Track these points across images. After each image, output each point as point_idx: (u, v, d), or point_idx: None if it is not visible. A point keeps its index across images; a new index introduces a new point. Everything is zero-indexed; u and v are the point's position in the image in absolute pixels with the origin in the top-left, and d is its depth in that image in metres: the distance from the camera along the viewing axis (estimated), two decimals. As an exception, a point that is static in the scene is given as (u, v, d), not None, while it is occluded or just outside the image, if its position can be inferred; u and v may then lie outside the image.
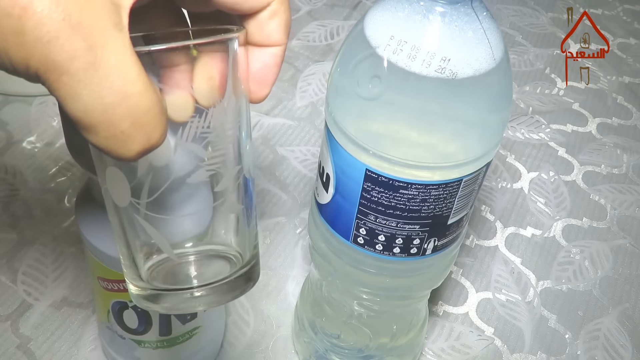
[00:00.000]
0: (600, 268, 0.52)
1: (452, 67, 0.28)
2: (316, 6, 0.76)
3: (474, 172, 0.31)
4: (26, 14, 0.17)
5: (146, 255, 0.26)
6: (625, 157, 0.62)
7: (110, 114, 0.18)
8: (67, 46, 0.17)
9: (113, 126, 0.18)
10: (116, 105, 0.18)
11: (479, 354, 0.46)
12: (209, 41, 0.23)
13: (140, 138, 0.19)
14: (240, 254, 0.28)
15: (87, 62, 0.17)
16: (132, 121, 0.18)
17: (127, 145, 0.19)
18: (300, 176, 0.56)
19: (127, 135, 0.19)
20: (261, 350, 0.44)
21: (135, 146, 0.19)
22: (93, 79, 0.18)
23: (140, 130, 0.19)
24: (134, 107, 0.18)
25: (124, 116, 0.18)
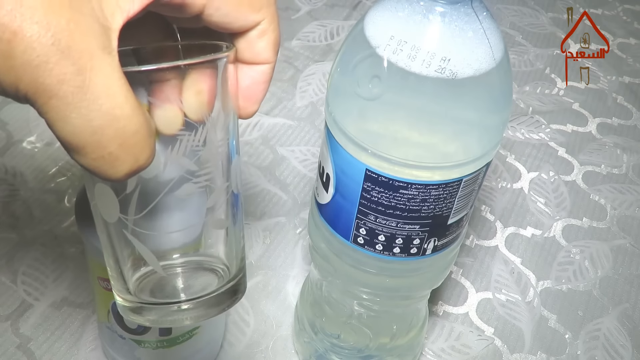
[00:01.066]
0: (600, 268, 0.52)
1: (452, 67, 0.28)
2: (316, 6, 0.76)
3: (474, 172, 0.31)
4: (16, 38, 0.17)
5: (133, 268, 0.27)
6: (625, 157, 0.62)
7: (98, 136, 0.18)
8: (57, 70, 0.17)
9: (101, 148, 0.19)
10: (104, 128, 0.18)
11: (479, 354, 0.46)
12: (199, 61, 0.23)
13: (128, 159, 0.19)
14: (228, 267, 0.28)
15: (75, 85, 0.18)
16: (120, 143, 0.19)
17: (115, 166, 0.19)
18: (300, 176, 0.56)
19: (115, 157, 0.19)
20: (261, 350, 0.44)
21: (123, 167, 0.19)
22: (82, 102, 0.18)
23: (128, 152, 0.19)
24: (121, 129, 0.19)
25: (112, 138, 0.19)
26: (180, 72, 0.23)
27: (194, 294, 0.26)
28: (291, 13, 0.74)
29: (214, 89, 0.24)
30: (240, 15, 0.24)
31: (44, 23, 0.17)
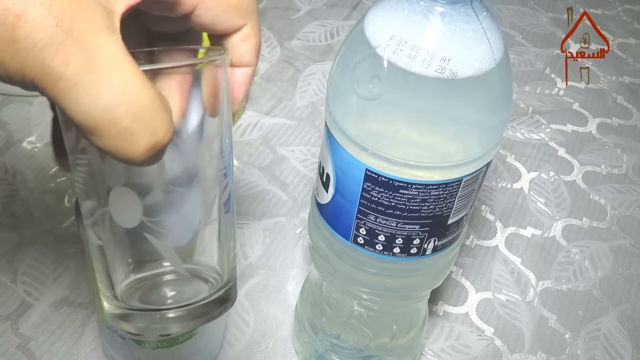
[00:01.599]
0: (600, 268, 0.52)
1: (452, 67, 0.28)
2: (316, 6, 0.76)
3: (474, 172, 0.31)
4: (19, 22, 0.17)
5: (123, 273, 0.26)
6: (625, 157, 0.62)
7: (111, 112, 0.18)
8: (61, 51, 0.17)
9: (115, 124, 0.18)
10: (116, 103, 0.18)
11: (479, 354, 0.46)
12: (208, 60, 0.24)
13: (144, 133, 0.19)
14: (220, 275, 0.27)
15: (81, 65, 0.18)
16: (133, 116, 0.18)
17: (134, 142, 0.19)
18: (300, 176, 0.56)
19: (131, 132, 0.19)
20: (261, 350, 0.44)
21: (142, 142, 0.19)
22: (90, 80, 0.18)
23: (144, 125, 0.19)
24: (133, 102, 0.18)
25: (124, 112, 0.18)
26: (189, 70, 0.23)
27: (183, 301, 0.26)
28: (291, 13, 0.74)
29: (187, 93, 0.24)
30: (228, 17, 0.24)
31: (47, 5, 0.17)
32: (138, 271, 0.26)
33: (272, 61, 0.67)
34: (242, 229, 0.51)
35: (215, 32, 0.25)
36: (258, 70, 0.66)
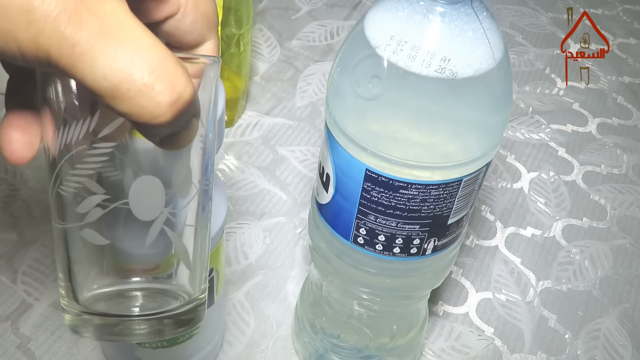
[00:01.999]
0: (600, 268, 0.52)
1: (452, 67, 0.28)
2: (316, 6, 0.76)
3: (474, 172, 0.31)
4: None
5: (91, 279, 0.26)
6: (625, 157, 0.62)
7: (128, 70, 0.19)
8: (75, 17, 0.18)
9: (134, 82, 0.19)
10: (131, 61, 0.19)
11: (479, 354, 0.46)
12: (203, 57, 0.24)
13: (164, 87, 0.19)
14: (188, 294, 0.27)
15: (95, 29, 0.18)
16: (150, 70, 0.19)
17: (154, 98, 0.19)
18: (300, 176, 0.56)
19: (150, 87, 0.19)
20: (261, 350, 0.44)
21: (163, 97, 0.19)
22: (104, 43, 0.18)
23: (162, 79, 0.19)
24: (148, 57, 0.19)
25: (141, 69, 0.19)
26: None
27: (148, 311, 0.26)
28: (291, 13, 0.74)
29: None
30: (202, 26, 0.24)
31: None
32: (111, 281, 0.26)
33: (272, 61, 0.67)
34: (242, 229, 0.51)
35: (185, 44, 0.25)
36: (258, 70, 0.66)
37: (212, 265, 0.36)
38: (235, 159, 0.57)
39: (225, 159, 0.56)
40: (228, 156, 0.57)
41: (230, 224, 0.51)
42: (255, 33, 0.70)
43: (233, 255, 0.50)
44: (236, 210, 0.53)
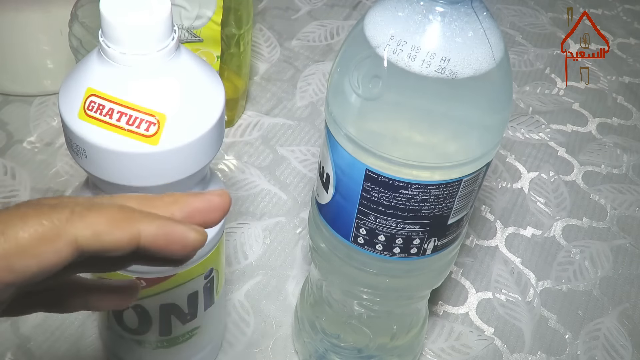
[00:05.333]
0: (600, 268, 0.52)
1: (452, 67, 0.28)
2: (316, 6, 0.76)
3: (474, 172, 0.31)
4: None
5: None
6: (625, 157, 0.62)
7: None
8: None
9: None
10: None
11: (479, 354, 0.46)
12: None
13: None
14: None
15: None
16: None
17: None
18: (300, 176, 0.56)
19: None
20: (261, 350, 0.44)
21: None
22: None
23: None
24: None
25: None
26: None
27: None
28: (291, 13, 0.74)
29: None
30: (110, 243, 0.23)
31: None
32: None
33: (272, 61, 0.67)
34: (242, 229, 0.51)
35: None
36: (258, 70, 0.66)
37: (212, 265, 0.36)
38: (235, 159, 0.57)
39: (225, 159, 0.56)
40: (228, 156, 0.57)
41: (230, 224, 0.51)
42: (255, 33, 0.70)
43: (233, 255, 0.50)
44: (236, 210, 0.53)
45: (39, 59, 0.58)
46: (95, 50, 0.29)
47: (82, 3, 0.48)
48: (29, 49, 0.57)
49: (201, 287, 0.36)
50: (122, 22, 0.27)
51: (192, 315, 0.37)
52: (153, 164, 0.29)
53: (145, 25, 0.27)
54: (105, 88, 0.28)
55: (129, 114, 0.28)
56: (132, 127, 0.28)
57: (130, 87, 0.28)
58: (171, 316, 0.36)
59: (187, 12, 0.49)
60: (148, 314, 0.36)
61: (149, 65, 0.28)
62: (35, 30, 0.56)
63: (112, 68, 0.28)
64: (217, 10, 0.50)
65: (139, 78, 0.28)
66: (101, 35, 0.28)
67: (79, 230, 0.20)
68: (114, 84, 0.28)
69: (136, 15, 0.27)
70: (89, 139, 0.28)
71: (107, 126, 0.28)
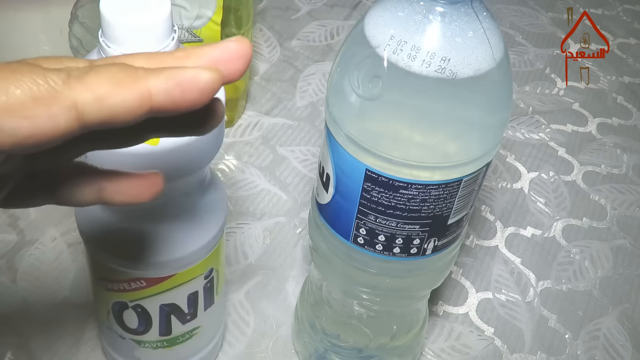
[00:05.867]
0: (600, 268, 0.52)
1: (452, 67, 0.28)
2: (316, 6, 0.76)
3: (474, 172, 0.31)
4: None
5: None
6: (625, 157, 0.62)
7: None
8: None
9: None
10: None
11: (479, 354, 0.46)
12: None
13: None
14: None
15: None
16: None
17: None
18: (300, 176, 0.56)
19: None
20: (261, 350, 0.44)
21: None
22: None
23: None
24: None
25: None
26: None
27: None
28: (291, 13, 0.74)
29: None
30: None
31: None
32: None
33: (272, 61, 0.67)
34: (242, 229, 0.51)
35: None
36: (258, 70, 0.66)
37: (212, 265, 0.36)
38: (235, 159, 0.57)
39: (225, 159, 0.56)
40: (228, 156, 0.57)
41: (230, 224, 0.51)
42: (255, 33, 0.70)
43: (233, 255, 0.50)
44: (236, 210, 0.53)
45: (39, 59, 0.58)
46: (95, 50, 0.29)
47: (82, 3, 0.48)
48: (29, 49, 0.57)
49: (201, 287, 0.36)
50: (122, 22, 0.27)
51: (192, 315, 0.37)
52: (153, 164, 0.29)
53: (145, 25, 0.27)
54: (105, 88, 0.28)
55: (129, 114, 0.28)
56: (132, 127, 0.28)
57: (130, 87, 0.28)
58: (171, 316, 0.36)
59: (187, 12, 0.49)
60: (148, 314, 0.36)
61: (149, 65, 0.28)
62: (35, 30, 0.56)
63: (112, 68, 0.28)
64: (217, 10, 0.50)
65: (139, 78, 0.28)
66: (101, 35, 0.28)
67: (79, 93, 0.18)
68: (114, 84, 0.28)
69: (136, 15, 0.27)
70: (89, 139, 0.28)
71: (107, 126, 0.28)
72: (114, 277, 0.34)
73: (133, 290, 0.34)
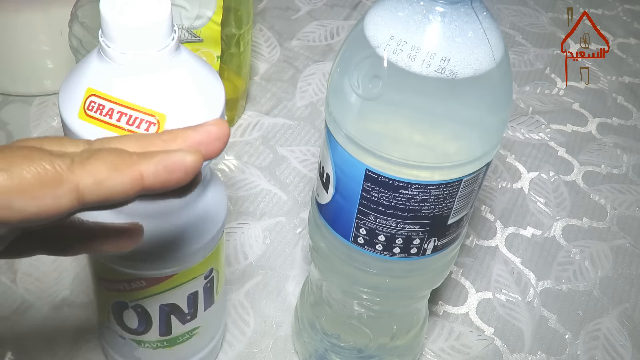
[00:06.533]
0: (600, 268, 0.52)
1: (452, 67, 0.28)
2: (316, 6, 0.76)
3: (474, 172, 0.31)
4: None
5: None
6: (625, 157, 0.62)
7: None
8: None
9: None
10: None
11: (479, 354, 0.46)
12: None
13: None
14: None
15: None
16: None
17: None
18: (300, 176, 0.56)
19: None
20: (261, 350, 0.44)
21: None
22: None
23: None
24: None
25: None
26: None
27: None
28: (291, 13, 0.74)
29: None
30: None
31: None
32: None
33: (272, 61, 0.67)
34: (242, 229, 0.51)
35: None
36: (258, 70, 0.66)
37: (212, 265, 0.36)
38: (235, 159, 0.57)
39: (225, 159, 0.56)
40: (228, 156, 0.57)
41: (230, 224, 0.51)
42: (255, 33, 0.70)
43: (233, 255, 0.50)
44: (236, 210, 0.53)
45: (39, 59, 0.58)
46: (95, 50, 0.29)
47: (82, 3, 0.48)
48: (29, 49, 0.57)
49: (201, 287, 0.36)
50: (122, 22, 0.27)
51: (192, 315, 0.37)
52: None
53: (145, 26, 0.27)
54: (105, 88, 0.28)
55: (129, 114, 0.28)
56: (132, 127, 0.28)
57: (130, 87, 0.28)
58: (171, 316, 0.36)
59: (187, 12, 0.49)
60: (148, 314, 0.36)
61: (149, 65, 0.28)
62: (35, 30, 0.56)
63: (112, 68, 0.28)
64: (217, 10, 0.50)
65: (139, 78, 0.28)
66: (101, 35, 0.28)
67: (81, 178, 0.20)
68: (114, 84, 0.28)
69: (136, 15, 0.27)
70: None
71: (107, 126, 0.28)
72: (114, 277, 0.34)
73: (133, 291, 0.34)
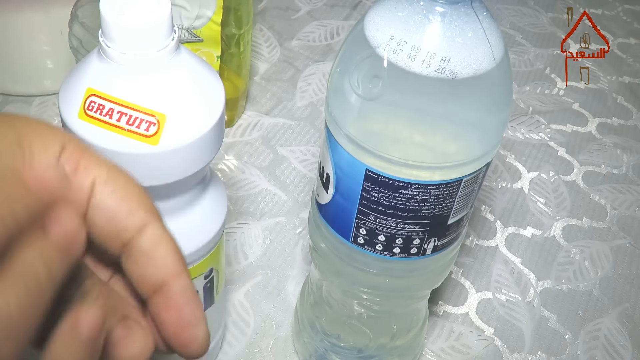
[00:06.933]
0: (600, 268, 0.52)
1: (452, 67, 0.28)
2: (316, 6, 0.76)
3: (474, 172, 0.31)
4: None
5: None
6: (625, 157, 0.62)
7: None
8: None
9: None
10: None
11: (479, 354, 0.46)
12: None
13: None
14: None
15: None
16: None
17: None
18: (300, 176, 0.56)
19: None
20: (261, 350, 0.44)
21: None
22: None
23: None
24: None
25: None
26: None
27: None
28: (291, 13, 0.74)
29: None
30: (125, 205, 0.20)
31: None
32: None
33: (272, 61, 0.67)
34: (242, 229, 0.51)
35: (115, 239, 0.20)
36: (258, 70, 0.66)
37: (212, 265, 0.36)
38: (235, 159, 0.57)
39: (225, 159, 0.56)
40: (228, 156, 0.57)
41: (230, 224, 0.51)
42: (255, 33, 0.70)
43: (233, 255, 0.50)
44: (236, 210, 0.53)
45: (39, 59, 0.58)
46: (95, 50, 0.29)
47: (82, 3, 0.48)
48: (29, 49, 0.57)
49: (201, 287, 0.36)
50: (122, 22, 0.27)
51: (192, 315, 0.37)
52: (153, 164, 0.29)
53: (145, 26, 0.27)
54: (105, 88, 0.28)
55: (129, 114, 0.28)
56: (132, 127, 0.28)
57: (130, 87, 0.28)
58: (171, 316, 0.36)
59: (187, 12, 0.49)
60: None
61: (149, 65, 0.28)
62: (36, 30, 0.56)
63: (112, 68, 0.28)
64: (217, 10, 0.50)
65: (139, 78, 0.28)
66: (101, 35, 0.28)
67: None
68: (114, 84, 0.28)
69: (136, 15, 0.27)
70: (89, 139, 0.28)
71: (107, 126, 0.28)
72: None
73: (133, 290, 0.34)
